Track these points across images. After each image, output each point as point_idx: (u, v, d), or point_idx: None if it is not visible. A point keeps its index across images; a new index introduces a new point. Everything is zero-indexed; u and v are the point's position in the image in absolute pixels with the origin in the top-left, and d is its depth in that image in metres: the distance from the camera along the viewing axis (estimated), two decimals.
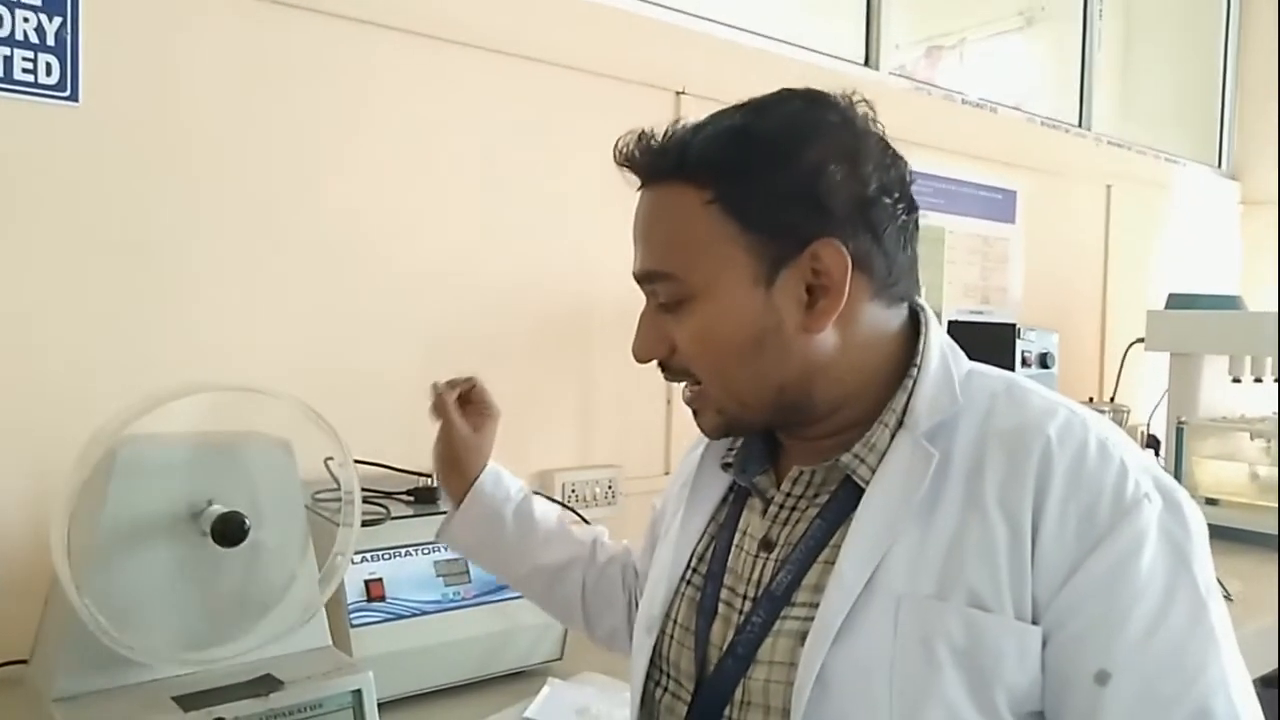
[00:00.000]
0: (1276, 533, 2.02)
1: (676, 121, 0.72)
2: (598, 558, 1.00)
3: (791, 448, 0.77)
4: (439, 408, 1.00)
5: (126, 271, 1.29)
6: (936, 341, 0.73)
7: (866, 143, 0.70)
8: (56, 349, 1.24)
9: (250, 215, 1.39)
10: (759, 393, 0.71)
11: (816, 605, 0.66)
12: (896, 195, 0.70)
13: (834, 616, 0.64)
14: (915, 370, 0.71)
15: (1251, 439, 2.43)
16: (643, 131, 0.72)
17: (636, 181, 0.74)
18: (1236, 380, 2.36)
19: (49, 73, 1.21)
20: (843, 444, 0.71)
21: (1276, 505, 2.08)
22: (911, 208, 0.72)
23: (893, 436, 0.69)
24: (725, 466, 0.81)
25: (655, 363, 0.75)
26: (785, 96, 0.71)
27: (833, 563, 0.67)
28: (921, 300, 0.76)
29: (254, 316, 1.39)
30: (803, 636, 0.66)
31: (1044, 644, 0.62)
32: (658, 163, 0.71)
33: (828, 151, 0.67)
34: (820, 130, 0.68)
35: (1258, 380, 2.33)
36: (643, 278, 0.73)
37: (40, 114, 1.21)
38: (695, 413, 0.75)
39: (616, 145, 0.73)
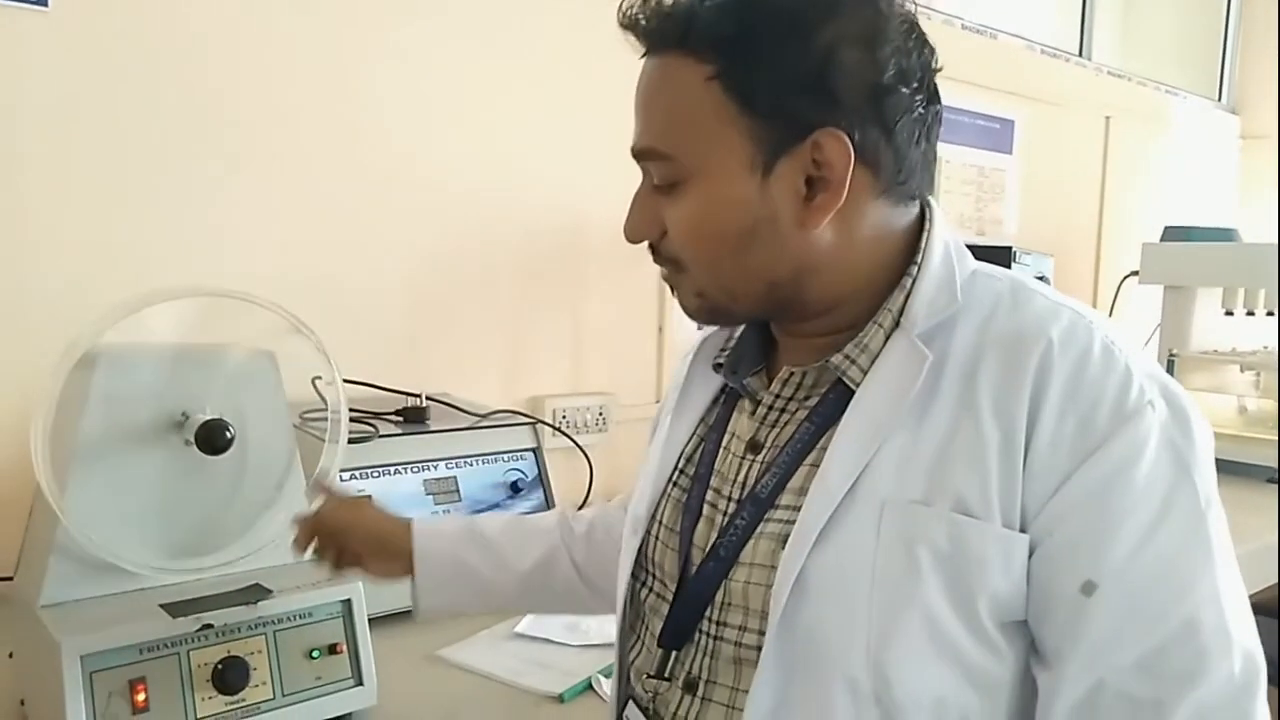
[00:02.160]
0: (1276, 464, 2.03)
1: None
2: (575, 531, 0.96)
3: (786, 347, 0.75)
4: (320, 523, 0.95)
5: (103, 180, 1.25)
6: (940, 240, 0.69)
7: (888, 24, 0.64)
8: (33, 259, 1.21)
9: (234, 126, 1.35)
10: (747, 286, 0.68)
11: (798, 508, 0.65)
12: (916, 85, 0.65)
13: (815, 520, 0.63)
14: (915, 269, 0.68)
15: (1242, 371, 2.44)
16: None
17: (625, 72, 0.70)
18: (1229, 313, 2.35)
19: None
20: (834, 345, 0.69)
21: (1276, 437, 2.09)
22: (933, 99, 0.67)
23: (887, 338, 0.67)
24: (716, 368, 0.79)
25: (646, 245, 0.72)
26: None
27: (818, 465, 0.66)
28: (931, 198, 0.71)
29: (238, 235, 1.37)
30: (784, 540, 0.65)
31: (1030, 553, 0.60)
32: (662, 29, 0.66)
33: (843, 31, 0.62)
34: (837, 7, 0.63)
35: (1250, 313, 2.33)
36: (637, 154, 0.69)
37: (9, 20, 1.17)
38: (673, 290, 0.72)
39: (620, 6, 0.68)
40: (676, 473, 0.77)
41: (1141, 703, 0.58)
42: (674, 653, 0.71)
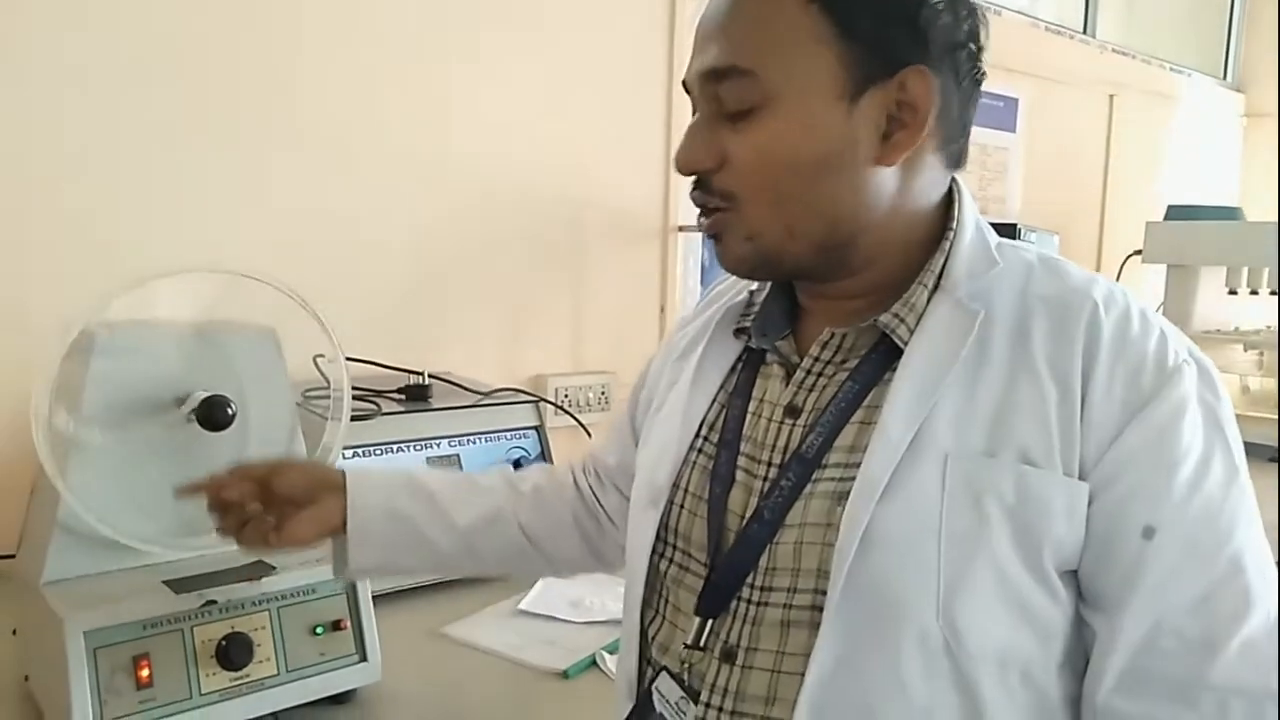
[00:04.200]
0: (1276, 443, 2.03)
1: None
2: (520, 490, 0.93)
3: (815, 311, 0.74)
4: (242, 471, 0.84)
5: (104, 158, 1.24)
6: (971, 209, 0.72)
7: None
8: (32, 238, 1.20)
9: (239, 106, 1.34)
10: (809, 223, 0.67)
11: (852, 465, 0.65)
12: (977, 50, 0.68)
13: (880, 473, 0.63)
14: (951, 234, 0.70)
15: (1245, 350, 2.43)
16: None
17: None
18: (1233, 292, 2.35)
19: None
20: (873, 306, 0.69)
21: (1276, 416, 2.09)
22: (982, 71, 0.70)
23: (930, 298, 0.68)
24: (738, 333, 0.78)
25: (691, 180, 0.69)
26: None
27: (868, 423, 0.66)
28: (956, 174, 0.73)
29: (242, 212, 1.36)
30: (839, 496, 0.65)
31: (1090, 502, 0.63)
32: None
33: None
34: None
35: (1254, 292, 2.32)
36: (709, 76, 0.66)
37: None
38: (717, 240, 0.69)
39: None
40: (699, 440, 0.76)
41: (1193, 641, 0.61)
42: (710, 621, 0.70)
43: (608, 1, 1.70)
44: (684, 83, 0.70)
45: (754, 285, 0.80)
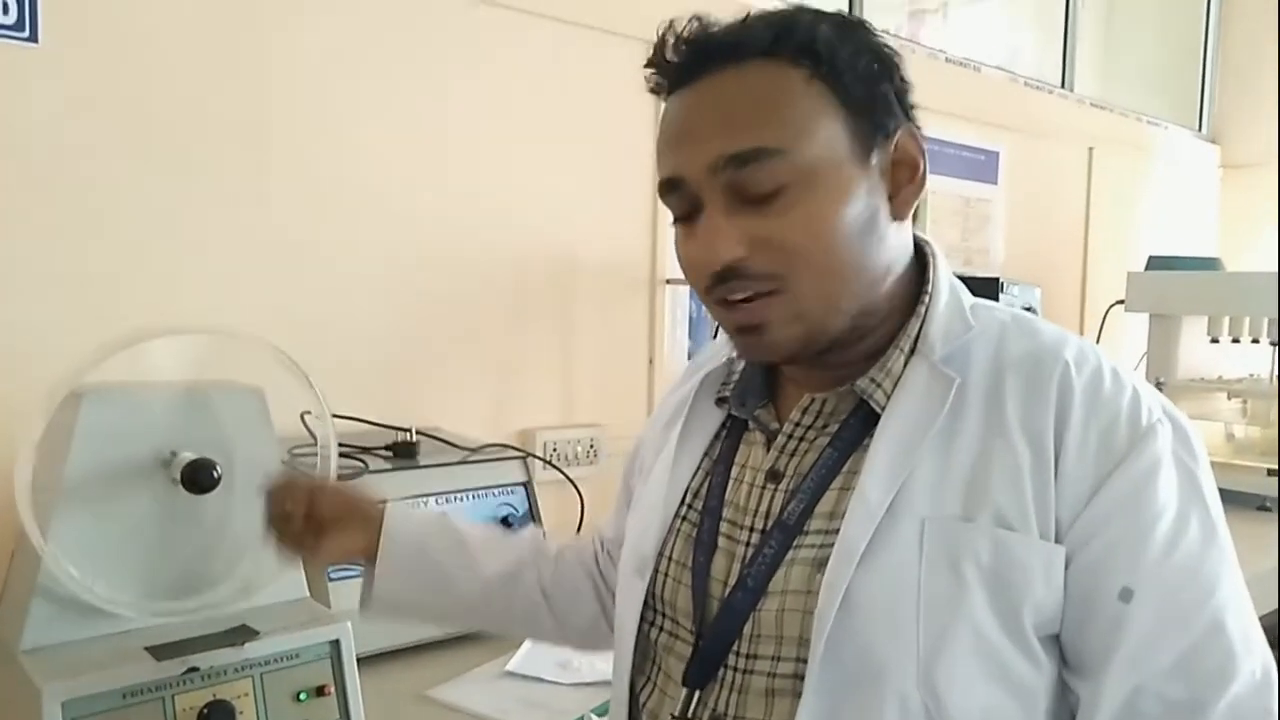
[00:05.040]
0: (1276, 493, 2.05)
1: (709, 23, 0.67)
2: (546, 552, 0.94)
3: (795, 378, 0.75)
4: (292, 480, 0.87)
5: (91, 215, 1.25)
6: (945, 272, 0.73)
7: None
8: (17, 295, 1.20)
9: (223, 162, 1.35)
10: (854, 290, 0.67)
11: (831, 532, 0.66)
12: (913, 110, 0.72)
13: (858, 539, 0.63)
14: (927, 297, 0.71)
15: (1229, 399, 2.46)
16: (696, 17, 0.67)
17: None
18: (1215, 341, 2.37)
19: (6, 12, 1.17)
20: (849, 370, 0.70)
21: (1276, 465, 2.11)
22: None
23: (906, 362, 0.69)
24: (719, 402, 0.79)
25: (709, 275, 0.66)
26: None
27: (847, 489, 0.67)
28: (925, 235, 0.75)
29: (227, 268, 1.36)
30: (819, 563, 0.65)
31: (1066, 564, 0.63)
32: (739, 41, 0.65)
33: (881, 48, 0.69)
34: (871, 30, 0.70)
35: (1235, 341, 2.35)
36: (727, 164, 0.64)
37: None
38: (760, 330, 0.66)
39: (666, 37, 0.67)
40: (684, 507, 0.76)
41: (1178, 704, 0.61)
42: (697, 691, 0.69)
43: (594, 59, 1.73)
44: (670, 182, 0.68)
45: (733, 353, 0.80)
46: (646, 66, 0.69)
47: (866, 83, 0.66)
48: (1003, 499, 0.63)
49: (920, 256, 0.74)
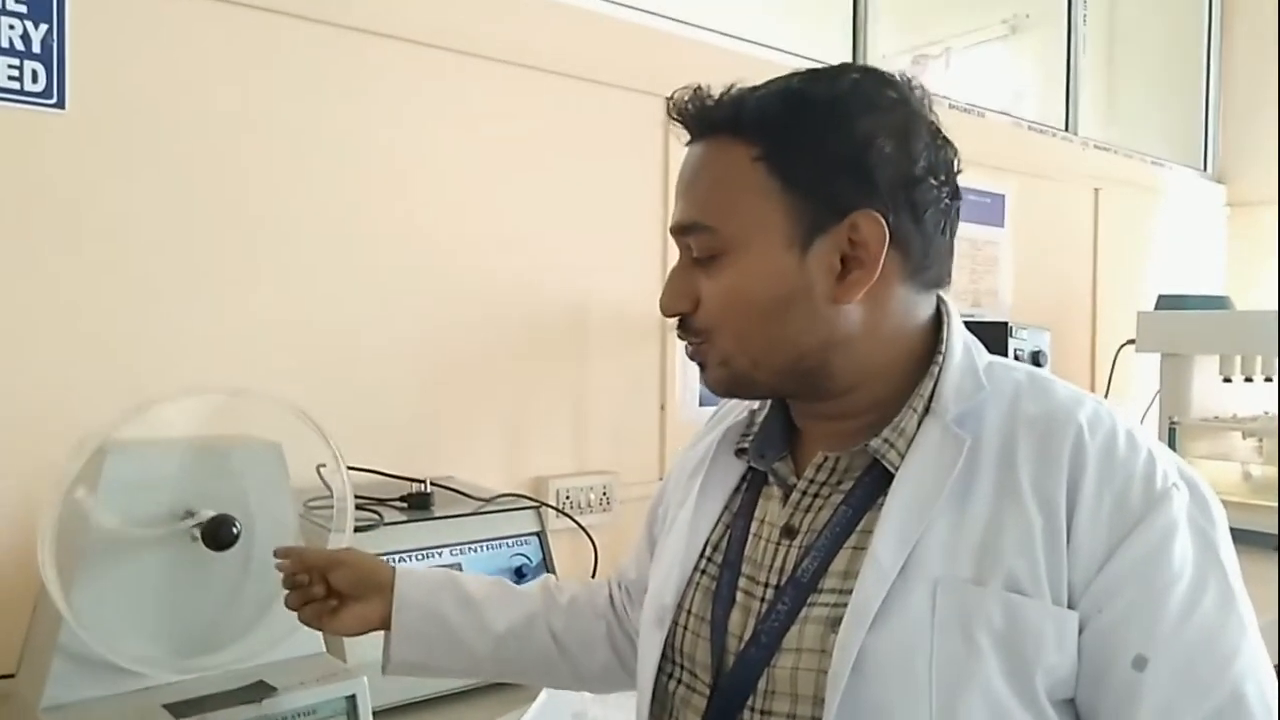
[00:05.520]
0: (1276, 532, 2.02)
1: (733, 85, 0.71)
2: (557, 600, 0.95)
3: (811, 433, 0.76)
4: (305, 554, 0.89)
5: (116, 277, 1.28)
6: (959, 331, 0.74)
7: (919, 122, 0.70)
8: (45, 355, 1.22)
9: (242, 221, 1.38)
10: (775, 357, 0.70)
11: (845, 591, 0.66)
12: (943, 179, 0.70)
13: (871, 600, 0.63)
14: (940, 358, 0.71)
15: (1244, 438, 2.44)
16: (699, 87, 0.72)
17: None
18: (1227, 380, 2.36)
19: (35, 79, 1.20)
20: (864, 429, 0.71)
21: (1276, 504, 2.08)
22: (955, 195, 0.72)
23: (920, 422, 0.69)
24: (739, 453, 0.80)
25: (675, 321, 0.74)
26: (845, 68, 0.71)
27: (861, 548, 0.67)
28: (945, 294, 0.76)
29: (246, 323, 1.38)
30: (833, 622, 0.65)
31: (1080, 630, 0.62)
32: (711, 116, 0.71)
33: (880, 124, 0.67)
34: (875, 103, 0.68)
35: (1248, 379, 2.34)
36: (679, 229, 0.72)
37: (27, 121, 1.20)
38: (701, 367, 0.74)
39: (671, 99, 0.73)
40: (703, 560, 0.77)
41: None
42: None
43: (602, 112, 1.76)
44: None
45: (754, 405, 0.82)
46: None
47: (819, 166, 0.67)
48: (1014, 563, 0.63)
49: (938, 315, 0.74)
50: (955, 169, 0.72)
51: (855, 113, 0.67)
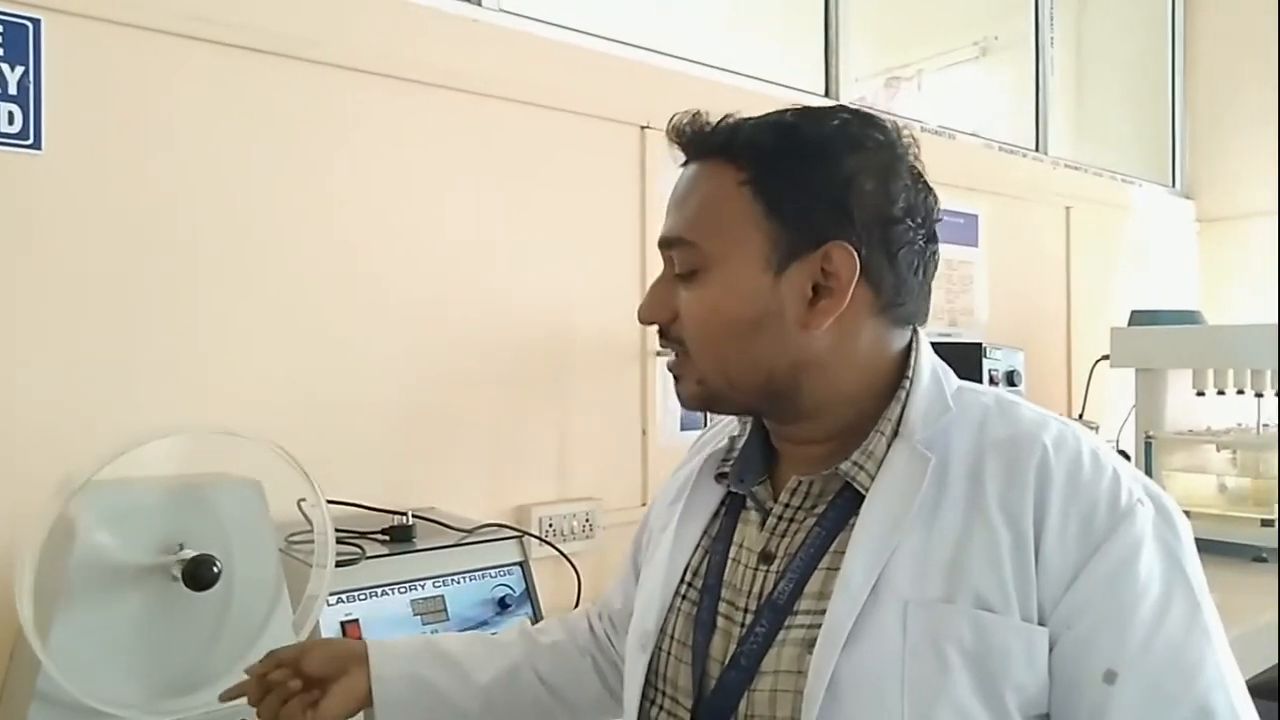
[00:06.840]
0: (1276, 545, 2.05)
1: (730, 115, 0.75)
2: (539, 643, 0.96)
3: (787, 457, 0.78)
4: (274, 657, 0.86)
5: (93, 317, 1.28)
6: (927, 358, 0.76)
7: (901, 165, 0.73)
8: (24, 395, 1.22)
9: (221, 257, 1.38)
10: (745, 375, 0.73)
11: (819, 612, 0.67)
12: (919, 221, 0.73)
13: (842, 621, 0.65)
14: (907, 382, 0.73)
15: (1218, 450, 2.47)
16: (698, 112, 0.75)
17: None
18: (1200, 394, 2.40)
19: (11, 121, 1.21)
20: (837, 452, 0.73)
21: (1276, 516, 2.11)
22: (932, 239, 0.75)
23: (889, 445, 0.71)
24: (719, 478, 0.81)
25: (656, 329, 0.77)
26: (839, 109, 0.74)
27: (834, 569, 0.68)
28: (918, 326, 0.78)
29: (226, 358, 1.39)
30: (809, 644, 0.66)
31: (1051, 647, 0.64)
32: (706, 140, 0.74)
33: (863, 164, 0.71)
34: (862, 144, 0.72)
35: (1220, 393, 2.37)
36: (664, 243, 0.76)
37: (4, 162, 1.21)
38: (676, 380, 0.77)
39: (670, 121, 0.76)
40: (684, 585, 0.78)
41: None
42: None
43: (582, 143, 1.78)
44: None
45: (735, 431, 0.83)
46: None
47: (801, 196, 0.70)
48: (983, 580, 0.64)
49: (909, 346, 0.76)
50: (935, 215, 0.75)
51: (841, 150, 0.71)
